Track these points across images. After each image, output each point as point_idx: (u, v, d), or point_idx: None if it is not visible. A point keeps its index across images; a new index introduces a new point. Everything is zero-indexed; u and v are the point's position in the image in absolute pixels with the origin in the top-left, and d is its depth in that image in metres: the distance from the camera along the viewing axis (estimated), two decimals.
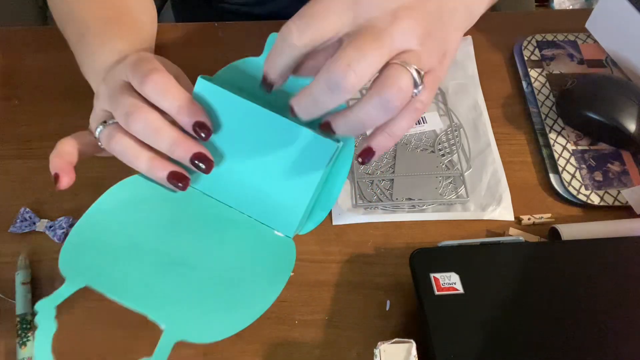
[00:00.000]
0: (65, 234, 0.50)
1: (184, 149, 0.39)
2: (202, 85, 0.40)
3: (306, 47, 0.34)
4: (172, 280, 0.38)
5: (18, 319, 0.46)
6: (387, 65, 0.33)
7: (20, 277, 0.47)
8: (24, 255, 0.49)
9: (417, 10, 0.34)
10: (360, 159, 0.37)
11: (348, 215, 0.52)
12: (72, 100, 0.59)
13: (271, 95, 0.39)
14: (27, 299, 0.47)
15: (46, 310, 0.35)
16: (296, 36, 0.33)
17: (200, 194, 0.43)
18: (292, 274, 0.49)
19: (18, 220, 0.51)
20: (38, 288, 0.48)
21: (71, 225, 0.51)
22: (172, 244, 0.40)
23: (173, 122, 0.41)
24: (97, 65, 0.47)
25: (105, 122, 0.42)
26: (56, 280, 0.49)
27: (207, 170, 0.40)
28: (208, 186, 0.43)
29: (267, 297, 0.39)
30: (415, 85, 0.33)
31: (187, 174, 0.40)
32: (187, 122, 0.39)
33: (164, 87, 0.39)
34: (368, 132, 0.38)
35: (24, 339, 0.45)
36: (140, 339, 0.46)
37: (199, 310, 0.38)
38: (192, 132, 0.40)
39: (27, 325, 0.45)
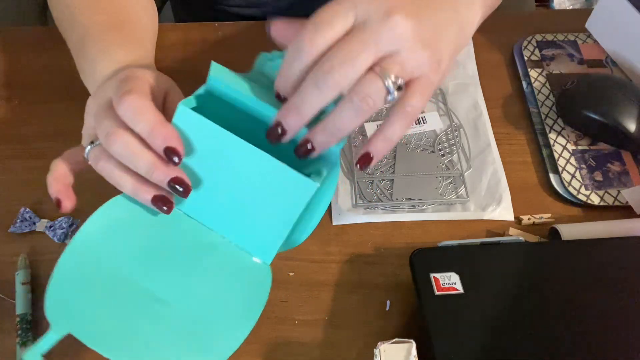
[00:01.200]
0: (65, 234, 0.50)
1: (162, 173, 0.39)
2: (183, 113, 0.39)
3: (317, 52, 0.36)
4: (150, 321, 0.39)
5: (18, 319, 0.46)
6: (369, 70, 0.36)
7: (20, 277, 0.47)
8: (24, 255, 0.49)
9: (409, 13, 0.36)
10: (358, 165, 0.38)
11: (348, 215, 0.52)
12: (72, 100, 0.59)
13: (257, 110, 0.40)
14: (27, 299, 0.47)
15: (33, 358, 0.36)
16: (308, 43, 0.36)
17: (183, 215, 0.43)
18: (291, 274, 0.49)
19: (18, 220, 0.51)
20: (38, 288, 0.48)
21: (71, 225, 0.51)
22: (152, 277, 0.40)
23: None
24: (96, 74, 0.47)
25: (92, 142, 0.42)
26: None
27: (184, 194, 0.40)
28: (191, 208, 0.43)
29: (240, 333, 0.39)
30: (389, 92, 0.36)
31: (171, 198, 0.41)
32: (158, 146, 0.39)
33: (137, 110, 0.39)
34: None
35: (24, 339, 0.45)
36: None
37: (175, 353, 0.38)
38: (163, 157, 0.39)
39: (27, 325, 0.45)
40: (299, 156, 0.38)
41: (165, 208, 0.40)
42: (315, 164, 0.41)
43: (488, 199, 0.53)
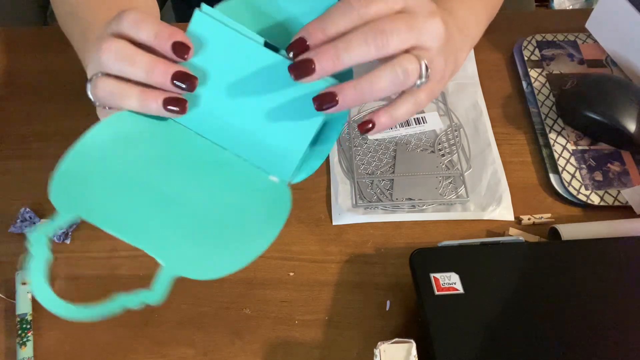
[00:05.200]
0: (65, 234, 0.50)
1: (162, 71, 0.37)
2: (200, 20, 0.38)
3: (367, 16, 0.37)
4: (166, 217, 0.37)
5: (18, 319, 0.46)
6: (406, 52, 0.38)
7: (20, 277, 0.47)
8: (24, 255, 0.49)
9: (446, 21, 0.40)
10: (359, 129, 0.40)
11: (348, 215, 0.52)
12: (72, 100, 0.59)
13: (275, 28, 0.40)
14: (27, 299, 0.47)
15: (39, 239, 0.34)
16: (363, 4, 0.37)
17: (193, 134, 0.41)
18: (291, 274, 0.49)
19: (18, 220, 0.51)
20: None
21: (71, 225, 0.51)
22: (165, 182, 0.38)
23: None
24: None
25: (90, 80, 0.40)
26: (56, 280, 0.49)
27: (191, 88, 0.37)
28: (202, 126, 0.41)
29: (262, 240, 0.38)
30: (420, 76, 0.38)
31: (182, 97, 0.38)
32: (164, 44, 0.37)
33: (138, 19, 0.37)
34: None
35: (24, 339, 0.45)
36: (141, 339, 0.46)
37: (193, 248, 0.37)
38: (172, 56, 0.37)
39: (27, 325, 0.45)
40: (319, 106, 0.37)
41: (178, 109, 0.38)
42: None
43: (488, 199, 0.53)
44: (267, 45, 0.38)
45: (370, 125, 0.39)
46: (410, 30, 0.38)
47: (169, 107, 0.38)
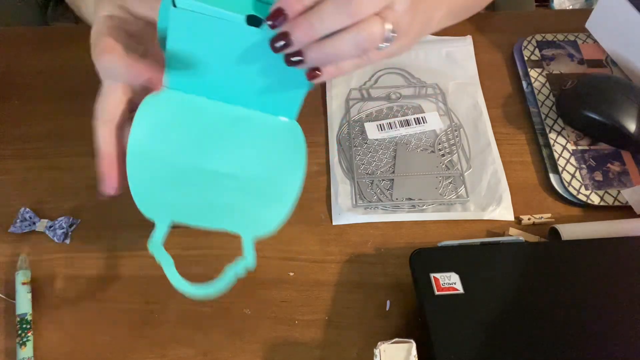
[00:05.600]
0: (65, 234, 0.50)
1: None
2: (177, 16, 0.39)
3: None
4: (229, 193, 0.43)
5: (18, 319, 0.46)
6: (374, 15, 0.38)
7: (20, 277, 0.47)
8: (24, 255, 0.49)
9: None
10: (307, 76, 0.40)
11: (348, 215, 0.52)
12: (73, 100, 0.59)
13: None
14: (27, 299, 0.47)
15: (157, 248, 0.40)
16: None
17: (207, 100, 0.44)
18: (291, 274, 0.49)
19: (18, 220, 0.51)
20: (38, 288, 0.48)
21: (71, 225, 0.51)
22: (210, 159, 0.44)
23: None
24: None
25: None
26: (56, 279, 0.49)
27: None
28: (212, 92, 0.44)
29: (295, 174, 0.44)
30: (385, 39, 0.38)
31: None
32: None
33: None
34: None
35: (24, 339, 0.45)
36: (141, 339, 0.46)
37: (255, 210, 0.44)
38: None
39: (27, 325, 0.45)
40: (287, 61, 0.39)
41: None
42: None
43: (488, 199, 0.53)
44: (250, 17, 0.39)
45: (318, 72, 0.40)
46: None
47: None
